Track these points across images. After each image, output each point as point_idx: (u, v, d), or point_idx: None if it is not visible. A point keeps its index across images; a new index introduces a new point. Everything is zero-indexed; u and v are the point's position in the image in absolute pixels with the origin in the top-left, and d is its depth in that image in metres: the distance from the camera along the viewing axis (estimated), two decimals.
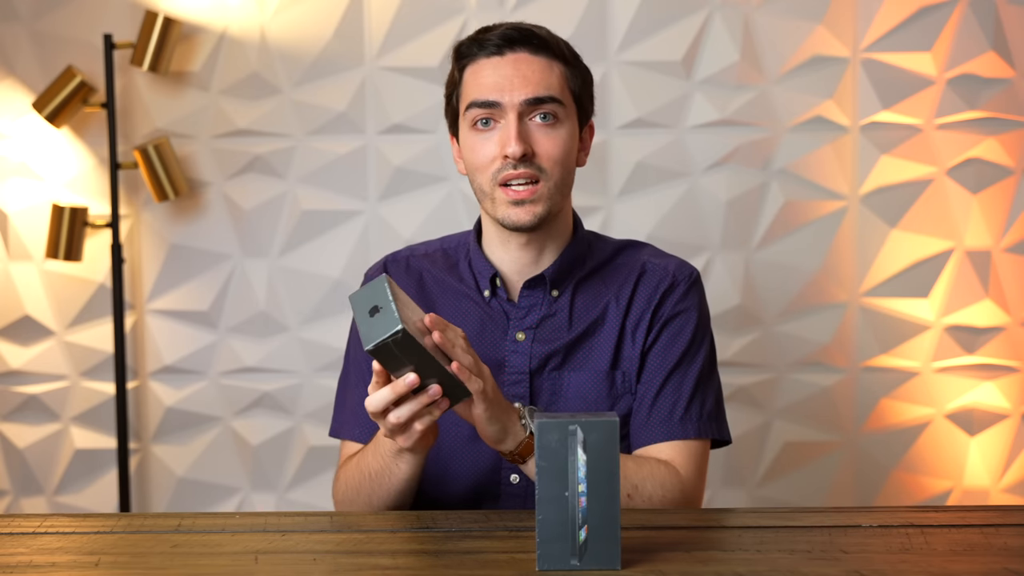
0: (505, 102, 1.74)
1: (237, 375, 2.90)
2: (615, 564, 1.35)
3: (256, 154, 2.85)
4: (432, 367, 1.50)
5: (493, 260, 1.83)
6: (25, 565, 1.39)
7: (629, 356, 1.80)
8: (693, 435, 1.78)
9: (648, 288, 1.83)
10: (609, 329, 1.81)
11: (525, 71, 1.74)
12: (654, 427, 1.78)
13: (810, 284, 2.84)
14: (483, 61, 1.76)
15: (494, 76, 1.75)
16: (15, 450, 2.91)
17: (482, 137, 1.76)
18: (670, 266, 1.85)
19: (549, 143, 1.75)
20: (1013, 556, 1.40)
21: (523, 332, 1.81)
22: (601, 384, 1.79)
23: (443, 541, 1.47)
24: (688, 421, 1.79)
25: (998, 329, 2.83)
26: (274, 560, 1.41)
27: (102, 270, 2.88)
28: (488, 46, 1.76)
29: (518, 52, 1.75)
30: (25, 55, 2.85)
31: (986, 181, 2.81)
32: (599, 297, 1.83)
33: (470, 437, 1.78)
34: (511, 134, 1.73)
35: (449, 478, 1.79)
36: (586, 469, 1.34)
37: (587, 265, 1.84)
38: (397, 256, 1.91)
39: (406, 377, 1.49)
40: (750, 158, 2.81)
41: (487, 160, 1.75)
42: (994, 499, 2.85)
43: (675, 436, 1.78)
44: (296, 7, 2.82)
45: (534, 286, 1.82)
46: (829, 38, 2.79)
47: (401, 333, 1.44)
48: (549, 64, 1.76)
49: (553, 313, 1.81)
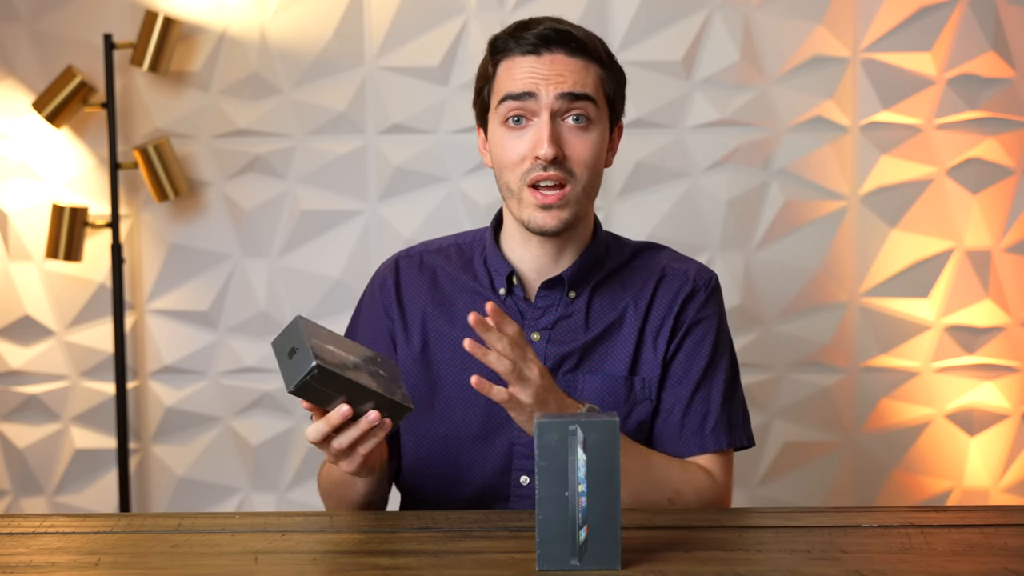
0: (540, 94, 1.71)
1: (237, 375, 2.90)
2: (615, 564, 1.35)
3: (256, 154, 2.85)
4: (363, 394, 1.48)
5: (512, 258, 1.82)
6: (25, 565, 1.39)
7: (650, 362, 1.79)
8: (726, 446, 1.80)
9: (668, 293, 1.82)
10: (627, 333, 1.80)
11: (561, 69, 1.72)
12: (687, 440, 1.79)
13: (810, 284, 2.84)
14: (519, 58, 1.74)
15: (530, 72, 1.72)
16: (15, 450, 2.91)
17: (513, 135, 1.74)
18: (690, 271, 1.84)
19: (581, 146, 1.73)
20: (1013, 556, 1.40)
21: (538, 332, 1.79)
22: (618, 389, 1.78)
23: (443, 541, 1.47)
24: (720, 432, 1.80)
25: (998, 329, 2.83)
26: (274, 560, 1.40)
27: (102, 270, 2.88)
28: (524, 44, 1.73)
29: (555, 52, 1.73)
30: (25, 55, 2.85)
31: (986, 181, 2.81)
32: (617, 300, 1.81)
33: (479, 437, 1.77)
34: (544, 135, 1.71)
35: (458, 478, 1.79)
36: (586, 469, 1.34)
37: (605, 267, 1.83)
38: (411, 252, 1.90)
39: (339, 409, 1.49)
40: (750, 158, 2.81)
41: (517, 159, 1.73)
42: (994, 499, 2.85)
43: (708, 448, 1.79)
44: (296, 7, 2.82)
45: (552, 287, 1.80)
46: (829, 38, 2.79)
47: (317, 369, 1.43)
48: (586, 65, 1.74)
49: (569, 314, 1.80)
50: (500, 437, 1.77)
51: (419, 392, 1.80)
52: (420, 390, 1.80)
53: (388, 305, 1.85)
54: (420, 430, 1.80)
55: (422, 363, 1.81)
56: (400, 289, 1.85)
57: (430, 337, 1.82)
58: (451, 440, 1.77)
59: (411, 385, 1.80)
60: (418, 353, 1.81)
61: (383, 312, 1.85)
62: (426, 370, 1.81)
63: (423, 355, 1.81)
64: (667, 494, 1.72)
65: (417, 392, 1.80)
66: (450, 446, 1.78)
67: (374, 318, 1.86)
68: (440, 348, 1.81)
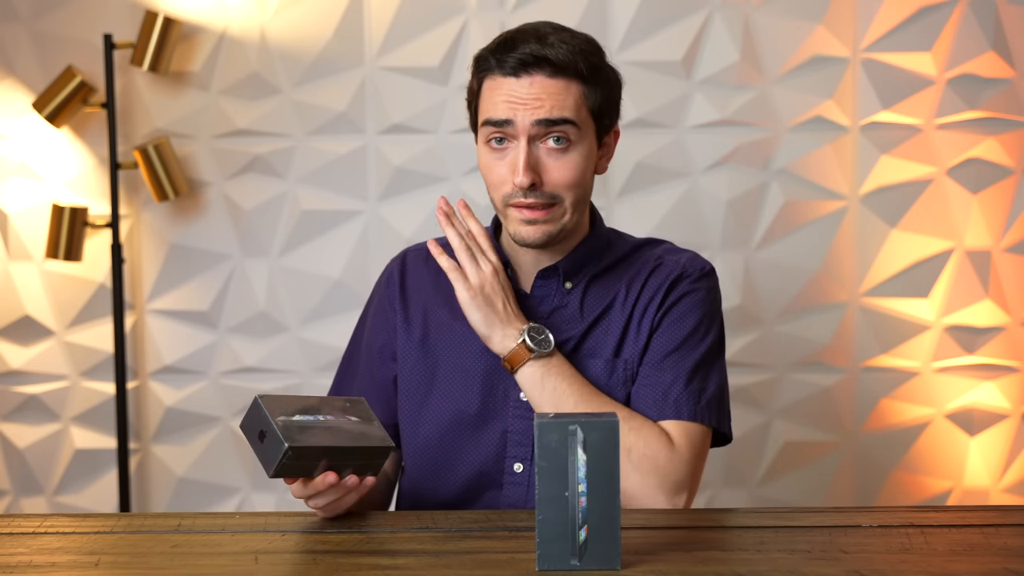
0: (517, 121, 1.73)
1: (237, 375, 2.90)
2: (615, 564, 1.35)
3: (256, 154, 2.85)
4: (341, 454, 1.51)
5: (509, 252, 1.85)
6: (25, 565, 1.39)
7: (632, 344, 1.80)
8: (687, 416, 1.75)
9: (658, 279, 1.83)
10: (615, 317, 1.81)
11: (539, 93, 1.73)
12: (649, 402, 1.76)
13: (810, 284, 2.84)
14: (500, 79, 1.75)
15: (508, 97, 1.74)
16: (15, 450, 2.91)
17: (495, 156, 1.76)
18: (682, 259, 1.86)
19: (560, 170, 1.74)
20: (1013, 556, 1.40)
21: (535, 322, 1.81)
22: (603, 371, 1.80)
23: (443, 541, 1.47)
24: (683, 402, 1.76)
25: (998, 329, 2.83)
26: (274, 560, 1.41)
27: (102, 270, 2.88)
28: (505, 66, 1.74)
29: (534, 75, 1.74)
30: (25, 55, 2.85)
31: (986, 181, 2.81)
32: (610, 289, 1.83)
33: (475, 425, 1.80)
34: (519, 163, 1.73)
35: (452, 465, 1.81)
36: (586, 469, 1.34)
37: (603, 261, 1.85)
38: (418, 247, 1.94)
39: (324, 477, 1.51)
40: (750, 158, 2.81)
41: (499, 180, 1.76)
42: (994, 499, 2.85)
43: (667, 415, 1.75)
44: (296, 7, 2.82)
45: (547, 276, 1.83)
46: (829, 38, 2.79)
47: (291, 451, 1.46)
48: (566, 86, 1.74)
49: (565, 304, 1.82)
50: (495, 425, 1.80)
51: (417, 380, 1.84)
52: (418, 378, 1.84)
53: (392, 297, 1.89)
54: (416, 417, 1.84)
55: (421, 351, 1.85)
56: (405, 281, 1.90)
57: (430, 327, 1.86)
58: (446, 427, 1.81)
59: (410, 373, 1.84)
60: (418, 342, 1.85)
61: (388, 304, 1.89)
62: (425, 358, 1.84)
63: (423, 344, 1.85)
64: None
65: (415, 380, 1.84)
66: (446, 433, 1.81)
67: (381, 310, 1.90)
68: (440, 338, 1.85)
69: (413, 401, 1.84)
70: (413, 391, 1.84)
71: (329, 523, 1.57)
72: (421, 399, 1.83)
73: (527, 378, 1.74)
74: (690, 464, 1.73)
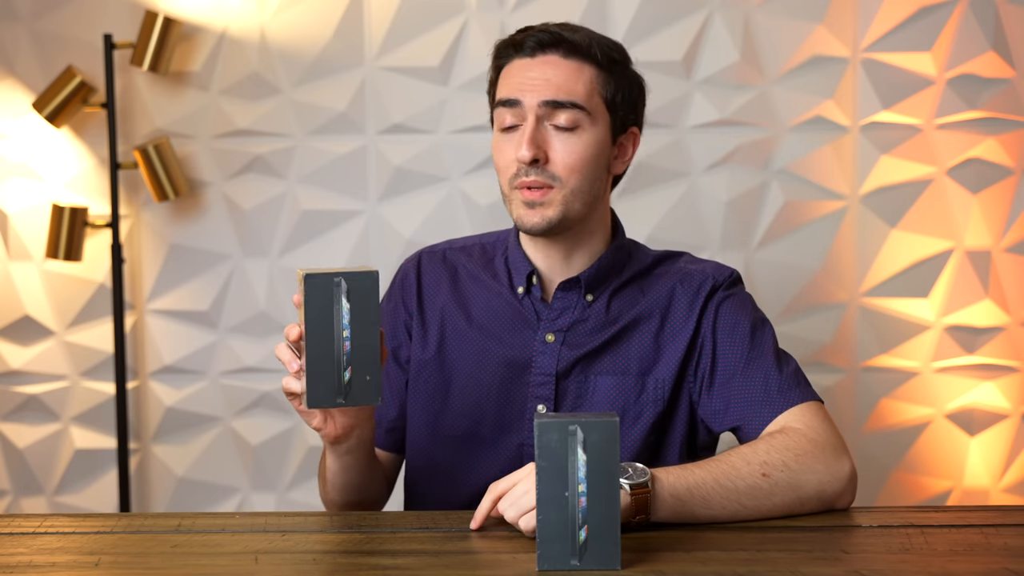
0: (525, 101, 1.72)
1: (237, 375, 2.90)
2: (615, 564, 1.35)
3: (256, 154, 2.86)
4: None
5: (532, 258, 1.82)
6: (25, 565, 1.39)
7: (665, 362, 1.77)
8: (798, 400, 1.71)
9: (687, 294, 1.80)
10: (643, 334, 1.78)
11: (549, 73, 1.73)
12: (758, 408, 1.71)
13: (810, 284, 2.84)
14: (516, 62, 1.76)
15: (519, 77, 1.74)
16: (15, 450, 2.91)
17: (504, 139, 1.75)
18: (707, 269, 1.83)
19: (565, 150, 1.73)
20: (1013, 556, 1.40)
21: (553, 334, 1.79)
22: (629, 390, 1.77)
23: (443, 541, 1.47)
24: (788, 390, 1.72)
25: (998, 329, 2.83)
26: (274, 560, 1.41)
27: (102, 270, 2.88)
28: (523, 47, 1.75)
29: (548, 55, 1.74)
30: (25, 55, 2.85)
31: (986, 181, 2.81)
32: (634, 304, 1.80)
33: (490, 437, 1.78)
34: (524, 137, 1.72)
35: (466, 477, 1.79)
36: (586, 469, 1.34)
37: (625, 273, 1.82)
38: (434, 248, 1.92)
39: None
40: (750, 158, 2.81)
41: (506, 163, 1.75)
42: (994, 499, 2.85)
43: (780, 409, 1.70)
44: (296, 7, 2.82)
45: (569, 288, 1.80)
46: (829, 38, 2.79)
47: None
48: (579, 68, 1.73)
49: (586, 318, 1.79)
50: (511, 438, 1.78)
51: (434, 389, 1.81)
52: (435, 387, 1.81)
53: (408, 300, 1.87)
54: (431, 426, 1.81)
55: (438, 360, 1.82)
56: (421, 284, 1.87)
57: (447, 334, 1.83)
58: (462, 438, 1.78)
59: (424, 384, 1.82)
60: (434, 351, 1.82)
61: (403, 306, 1.87)
62: (441, 368, 1.82)
63: (438, 354, 1.82)
64: (754, 476, 1.57)
65: (429, 391, 1.81)
66: (460, 444, 1.78)
67: (393, 311, 1.88)
68: (456, 346, 1.82)
69: (427, 412, 1.81)
70: (427, 402, 1.81)
71: (329, 523, 1.57)
72: (436, 411, 1.80)
73: (674, 516, 1.53)
74: (828, 431, 1.69)
